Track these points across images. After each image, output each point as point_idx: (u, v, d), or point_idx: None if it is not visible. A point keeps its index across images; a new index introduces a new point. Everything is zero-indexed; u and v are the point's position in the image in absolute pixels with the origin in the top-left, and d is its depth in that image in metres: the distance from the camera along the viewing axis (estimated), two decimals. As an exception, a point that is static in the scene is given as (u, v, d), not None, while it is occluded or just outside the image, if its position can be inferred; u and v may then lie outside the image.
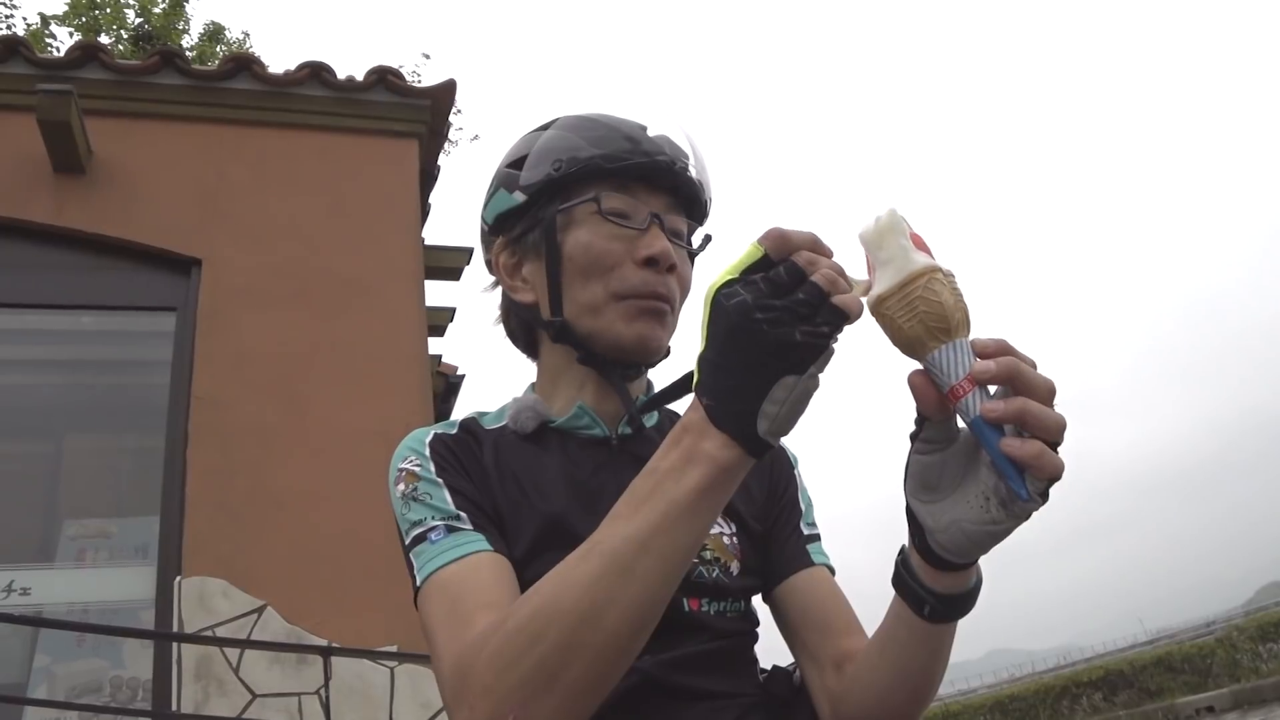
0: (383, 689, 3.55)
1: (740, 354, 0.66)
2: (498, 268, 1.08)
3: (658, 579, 0.70)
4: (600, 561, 0.70)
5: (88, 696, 3.56)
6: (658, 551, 0.70)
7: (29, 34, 10.31)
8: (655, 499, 0.70)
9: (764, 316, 0.65)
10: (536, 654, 0.70)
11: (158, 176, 4.32)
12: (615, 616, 0.69)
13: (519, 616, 0.73)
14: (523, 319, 1.09)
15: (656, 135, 1.02)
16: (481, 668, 0.72)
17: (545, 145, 1.02)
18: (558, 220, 1.00)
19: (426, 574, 0.87)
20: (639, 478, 0.73)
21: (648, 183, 1.00)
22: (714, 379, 0.69)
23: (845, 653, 0.95)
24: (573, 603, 0.70)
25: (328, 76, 4.63)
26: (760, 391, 0.66)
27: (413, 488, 0.93)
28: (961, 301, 0.70)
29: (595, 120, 1.03)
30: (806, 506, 1.08)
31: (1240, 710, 11.35)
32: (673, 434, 0.72)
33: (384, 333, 4.29)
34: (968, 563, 0.78)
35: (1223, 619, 27.28)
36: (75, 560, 3.90)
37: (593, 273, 0.98)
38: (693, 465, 0.69)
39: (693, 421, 0.71)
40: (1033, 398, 0.67)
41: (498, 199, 1.06)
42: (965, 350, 0.69)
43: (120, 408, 4.61)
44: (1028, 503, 0.69)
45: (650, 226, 0.99)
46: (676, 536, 0.70)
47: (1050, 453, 0.66)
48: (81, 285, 4.17)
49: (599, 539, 0.72)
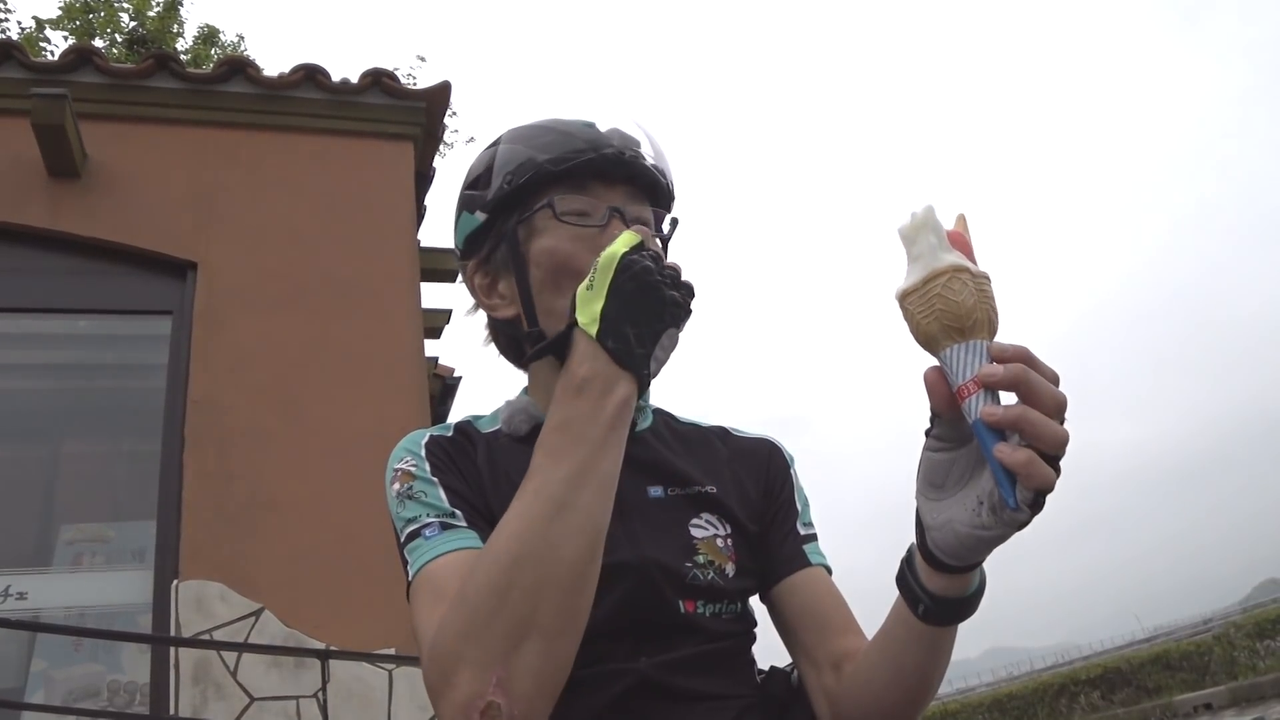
0: (381, 692, 3.55)
1: (644, 308, 0.81)
2: (474, 289, 1.08)
3: (597, 507, 0.79)
4: (545, 504, 0.77)
5: (85, 701, 3.55)
6: (592, 484, 0.78)
7: (23, 38, 10.29)
8: (579, 441, 0.79)
9: (660, 279, 0.82)
10: (508, 607, 0.73)
11: (153, 180, 4.31)
12: (570, 547, 0.76)
13: (478, 579, 0.76)
14: (508, 335, 1.08)
15: (606, 129, 1.02)
16: (455, 641, 0.74)
17: (497, 161, 1.02)
18: (519, 232, 1.00)
19: (418, 568, 0.88)
20: (549, 431, 0.81)
21: (602, 178, 1.00)
22: (619, 327, 0.81)
23: (843, 653, 0.95)
24: (529, 547, 0.75)
25: (322, 79, 4.62)
26: (655, 339, 0.81)
27: (408, 486, 0.94)
28: (986, 304, 0.70)
29: (543, 126, 1.03)
30: (803, 506, 1.08)
31: (1238, 707, 11.37)
32: (573, 384, 0.81)
33: (380, 335, 4.28)
34: (963, 566, 0.78)
35: (1220, 616, 27.32)
36: (72, 564, 3.89)
37: (561, 277, 0.98)
38: (605, 404, 0.80)
39: (596, 369, 0.81)
40: (1037, 408, 0.67)
41: (463, 222, 1.06)
42: (979, 352, 0.69)
43: (116, 411, 4.61)
44: (1015, 511, 0.69)
45: (610, 221, 0.99)
46: (603, 467, 0.80)
47: (1041, 463, 0.66)
48: (77, 289, 4.16)
49: (534, 487, 0.79)
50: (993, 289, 0.71)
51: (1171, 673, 13.82)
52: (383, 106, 4.72)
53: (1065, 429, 0.67)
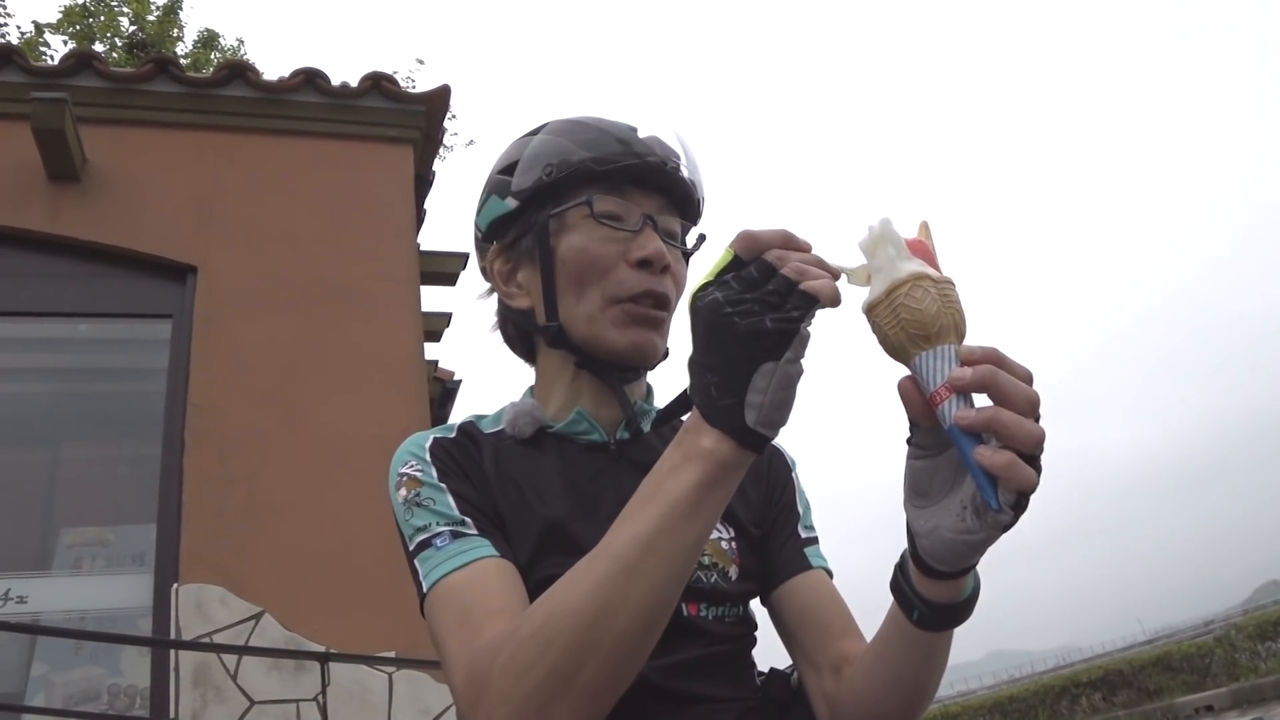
0: (381, 694, 3.54)
1: (718, 349, 0.69)
2: (492, 274, 1.07)
3: (664, 577, 0.71)
4: (607, 563, 0.72)
5: (86, 704, 3.54)
6: (662, 550, 0.71)
7: (23, 42, 10.30)
8: (658, 499, 0.72)
9: (734, 310, 0.68)
10: (551, 658, 0.70)
11: (153, 184, 4.31)
12: (625, 616, 0.70)
13: (531, 622, 0.73)
14: (519, 325, 1.08)
15: (647, 136, 1.01)
16: (497, 675, 0.73)
17: (536, 150, 1.01)
18: (550, 225, 1.00)
19: (433, 581, 0.86)
20: (645, 481, 0.74)
21: (640, 184, 1.00)
22: (700, 378, 0.71)
23: (843, 656, 0.95)
24: (582, 605, 0.71)
25: (322, 83, 4.63)
26: (742, 382, 0.68)
27: (415, 493, 0.92)
28: (950, 308, 0.70)
29: (586, 123, 1.02)
30: (804, 509, 1.08)
31: (1240, 709, 11.36)
32: (676, 438, 0.74)
33: (380, 338, 4.28)
34: (953, 572, 0.77)
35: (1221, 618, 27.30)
36: (72, 568, 3.89)
37: (587, 276, 0.98)
38: (690, 463, 0.71)
39: (691, 423, 0.73)
40: (1010, 408, 0.66)
41: (490, 205, 1.05)
42: (948, 357, 0.69)
43: (116, 415, 4.60)
44: (999, 514, 0.68)
45: (644, 228, 0.99)
46: (679, 534, 0.71)
47: (1021, 464, 0.66)
48: (77, 293, 4.16)
49: (607, 542, 0.73)
50: (957, 293, 0.71)
51: (1173, 674, 13.81)
52: (382, 110, 4.72)
53: (1040, 427, 0.66)
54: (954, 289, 0.71)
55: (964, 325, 0.71)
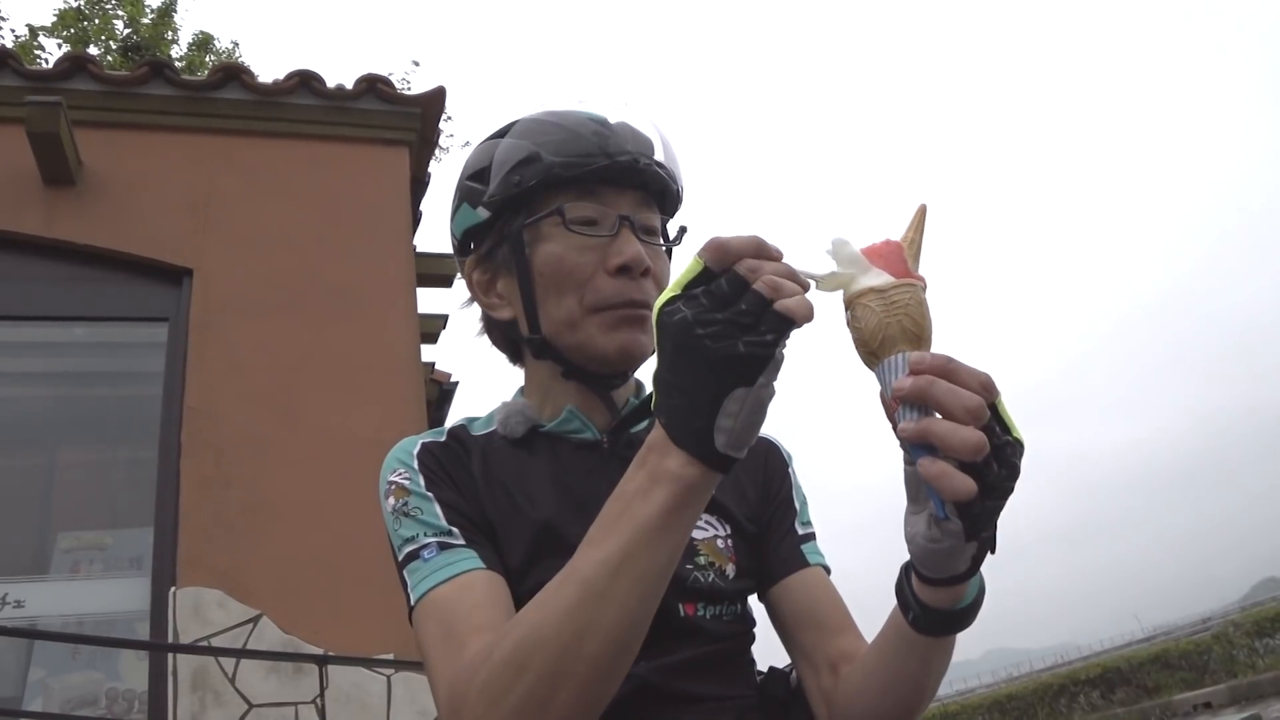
0: (379, 697, 3.54)
1: (688, 371, 0.65)
2: (472, 285, 1.05)
3: (634, 601, 0.69)
4: (576, 589, 0.70)
5: (84, 709, 3.54)
6: (631, 574, 0.69)
7: (17, 46, 10.27)
8: (624, 522, 0.69)
9: (705, 331, 0.64)
10: (524, 685, 0.70)
11: (148, 187, 4.31)
12: (595, 643, 0.69)
13: (504, 647, 0.72)
14: (502, 333, 1.07)
15: (618, 125, 0.99)
16: (474, 699, 0.72)
17: (504, 155, 0.98)
18: (524, 235, 0.97)
19: (420, 594, 0.86)
20: (609, 501, 0.72)
21: (613, 184, 0.97)
22: (668, 398, 0.67)
23: (841, 653, 0.95)
24: (553, 632, 0.69)
25: (317, 85, 4.62)
26: (713, 406, 0.65)
27: (403, 503, 0.92)
28: (895, 317, 0.69)
29: (553, 123, 0.99)
30: (801, 505, 1.07)
31: (1238, 706, 11.36)
32: (639, 454, 0.71)
33: (376, 341, 4.28)
34: (940, 578, 0.77)
35: (1219, 615, 27.32)
36: (69, 572, 3.88)
37: (565, 287, 0.95)
38: (658, 486, 0.68)
39: (655, 441, 0.69)
40: (949, 417, 0.65)
41: (463, 214, 1.03)
42: (901, 367, 0.68)
43: (113, 419, 4.60)
44: (947, 522, 0.68)
45: (620, 231, 0.96)
46: (648, 558, 0.69)
47: (954, 474, 0.65)
48: (72, 297, 4.16)
49: (575, 565, 0.71)
50: (919, 293, 0.70)
51: (1171, 672, 13.80)
52: (378, 112, 4.72)
53: (978, 434, 0.64)
54: (911, 291, 0.70)
55: (924, 327, 0.69)
